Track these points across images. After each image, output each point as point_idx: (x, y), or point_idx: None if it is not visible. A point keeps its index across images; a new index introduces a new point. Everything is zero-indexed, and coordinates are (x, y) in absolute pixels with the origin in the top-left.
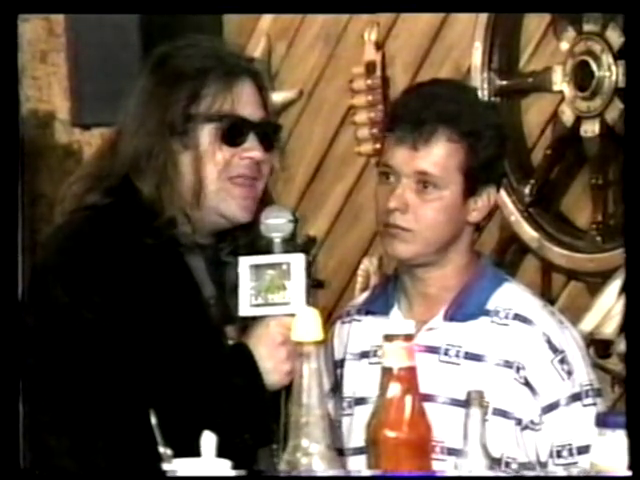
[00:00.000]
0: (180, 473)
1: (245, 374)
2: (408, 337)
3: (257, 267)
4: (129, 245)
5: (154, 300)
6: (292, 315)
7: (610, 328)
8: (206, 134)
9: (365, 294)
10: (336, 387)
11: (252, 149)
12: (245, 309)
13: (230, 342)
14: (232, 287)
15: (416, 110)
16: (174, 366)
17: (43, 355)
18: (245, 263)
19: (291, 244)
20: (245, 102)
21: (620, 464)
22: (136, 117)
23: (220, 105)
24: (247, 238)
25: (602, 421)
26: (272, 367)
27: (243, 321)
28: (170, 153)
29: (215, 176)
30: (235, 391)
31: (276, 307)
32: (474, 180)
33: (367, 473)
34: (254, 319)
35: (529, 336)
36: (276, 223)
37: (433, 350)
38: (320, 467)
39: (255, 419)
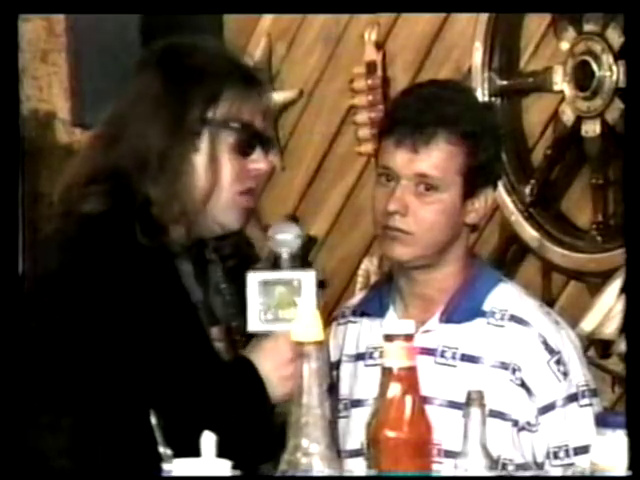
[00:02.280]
0: (180, 473)
1: (249, 389)
2: (408, 337)
3: (266, 283)
4: (125, 253)
5: (150, 307)
6: None
7: (610, 328)
8: (221, 142)
9: (360, 295)
10: (331, 389)
11: (259, 161)
12: (254, 325)
13: (216, 343)
14: (215, 287)
15: (415, 112)
16: (170, 373)
17: (42, 357)
18: (254, 279)
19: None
20: (256, 112)
21: (620, 464)
22: (145, 115)
23: (237, 113)
24: (231, 237)
25: (602, 421)
26: (277, 382)
27: (227, 322)
28: (184, 156)
29: (226, 187)
30: (238, 405)
31: (286, 323)
32: (473, 182)
33: (367, 473)
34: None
35: (525, 337)
36: (284, 239)
37: (429, 352)
38: (320, 467)
39: (258, 433)
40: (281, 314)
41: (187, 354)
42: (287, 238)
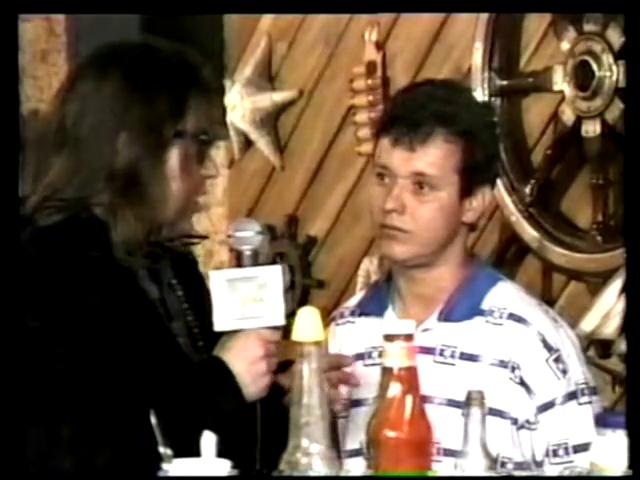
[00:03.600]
0: (180, 473)
1: (224, 390)
2: (408, 337)
3: (231, 281)
4: (80, 262)
5: (110, 311)
6: (271, 328)
7: (610, 328)
8: (188, 153)
9: (358, 295)
10: None
11: (211, 167)
12: (221, 323)
13: (178, 339)
14: (167, 284)
15: (412, 111)
16: (139, 376)
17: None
18: (218, 277)
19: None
20: (216, 119)
21: (620, 464)
22: (113, 128)
23: (204, 124)
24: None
25: (602, 421)
26: (250, 381)
27: (184, 316)
28: (153, 169)
29: (189, 196)
30: (213, 406)
31: (253, 320)
32: (470, 180)
33: (366, 473)
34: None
35: (524, 335)
36: (245, 236)
37: (428, 351)
38: (320, 467)
39: (233, 433)
40: (248, 312)
41: (155, 356)
42: (247, 235)
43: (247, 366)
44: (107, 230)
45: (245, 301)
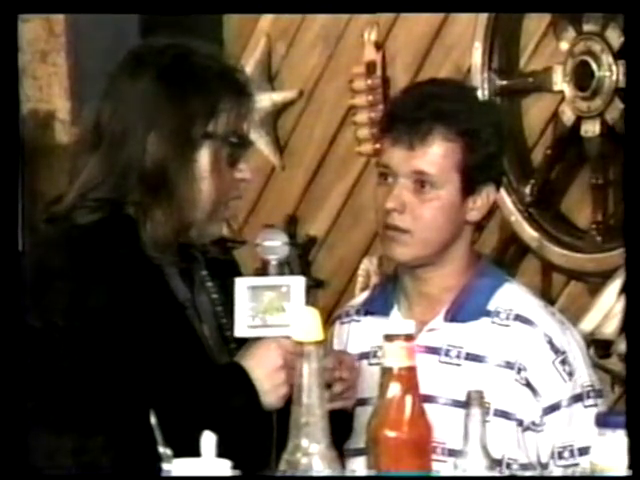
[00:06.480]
0: (180, 473)
1: (242, 396)
2: (408, 337)
3: (255, 288)
4: (112, 261)
5: (138, 312)
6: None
7: (610, 328)
8: (218, 154)
9: (364, 294)
10: None
11: (245, 170)
12: (242, 330)
13: (209, 341)
14: (200, 285)
15: (412, 109)
16: (160, 376)
17: (39, 362)
18: (243, 284)
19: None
20: (246, 122)
21: (620, 464)
22: (145, 128)
23: (234, 126)
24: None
25: (602, 421)
26: (269, 389)
27: (217, 319)
28: (183, 170)
29: (219, 198)
30: (230, 412)
31: (274, 329)
32: (472, 179)
33: (367, 473)
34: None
35: (530, 337)
36: (272, 245)
37: (434, 351)
38: (320, 467)
39: (250, 441)
40: (269, 320)
41: (177, 357)
42: (275, 245)
43: (266, 374)
44: (139, 229)
45: (267, 309)
